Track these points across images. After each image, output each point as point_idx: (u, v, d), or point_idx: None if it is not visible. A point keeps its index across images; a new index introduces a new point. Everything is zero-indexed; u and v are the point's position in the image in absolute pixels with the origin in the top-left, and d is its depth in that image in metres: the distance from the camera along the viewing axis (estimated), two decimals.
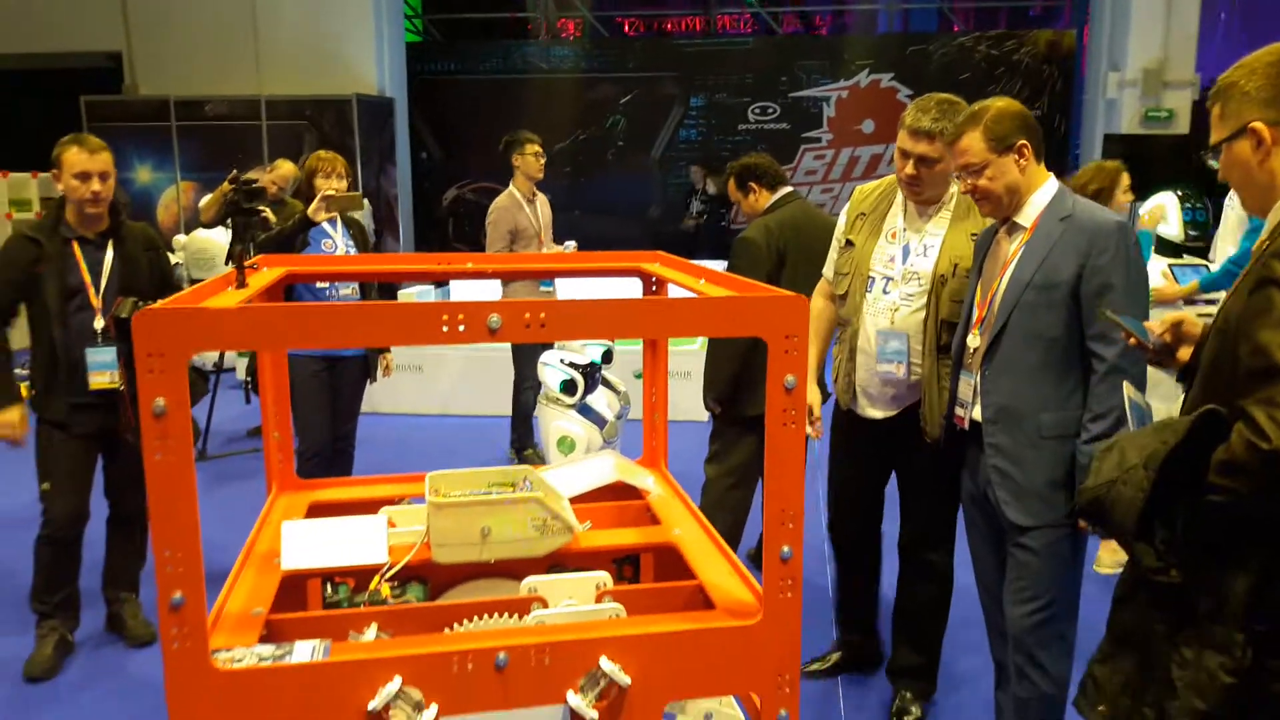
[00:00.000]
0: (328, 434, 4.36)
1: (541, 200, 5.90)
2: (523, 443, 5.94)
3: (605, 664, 1.63)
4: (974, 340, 2.50)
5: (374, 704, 1.56)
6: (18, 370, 3.55)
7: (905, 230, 2.92)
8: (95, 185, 3.37)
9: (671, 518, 2.31)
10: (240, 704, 1.54)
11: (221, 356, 6.39)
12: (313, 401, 4.28)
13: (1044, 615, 2.44)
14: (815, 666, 3.43)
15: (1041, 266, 2.35)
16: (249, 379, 5.57)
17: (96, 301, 3.45)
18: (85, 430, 3.48)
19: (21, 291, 3.42)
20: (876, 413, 2.99)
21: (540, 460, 5.28)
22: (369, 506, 2.26)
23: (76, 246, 3.44)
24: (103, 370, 3.43)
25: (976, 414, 2.50)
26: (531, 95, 12.40)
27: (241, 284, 1.97)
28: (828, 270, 3.18)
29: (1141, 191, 4.69)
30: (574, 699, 1.62)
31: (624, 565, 2.22)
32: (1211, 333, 1.75)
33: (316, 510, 2.33)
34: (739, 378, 3.63)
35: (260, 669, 1.58)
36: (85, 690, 3.43)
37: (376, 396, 6.87)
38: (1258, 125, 1.66)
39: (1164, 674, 1.68)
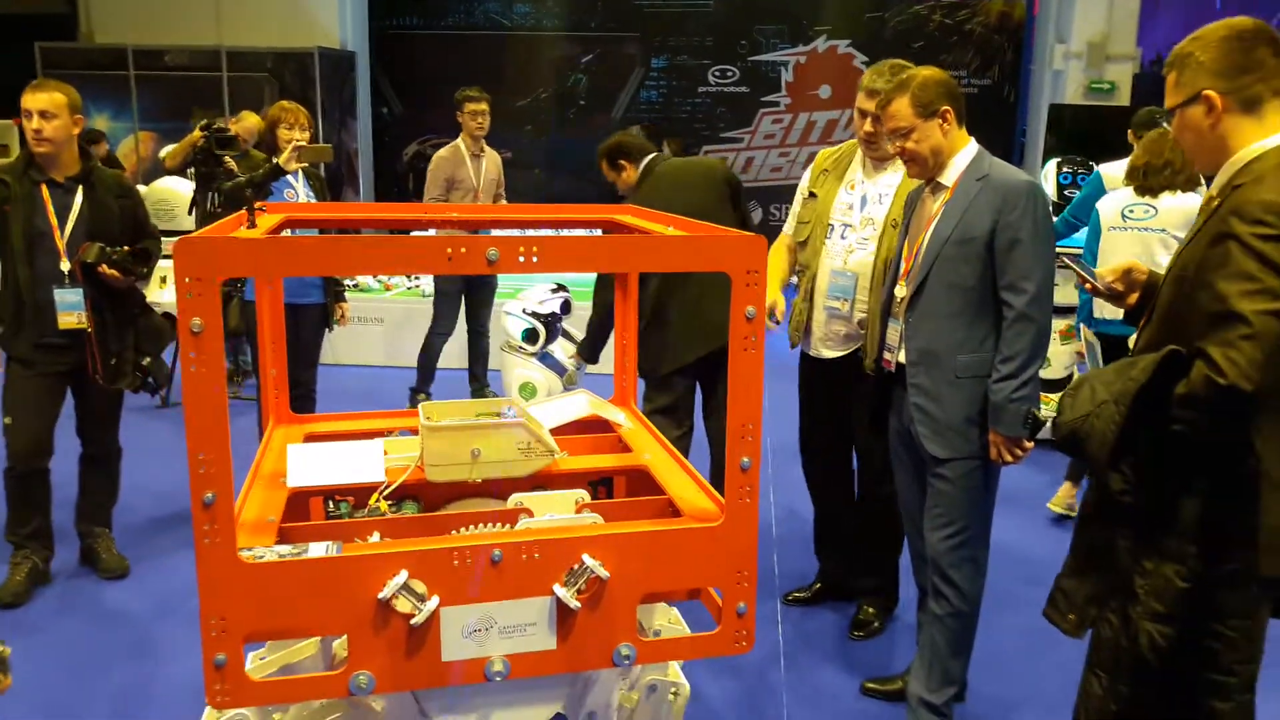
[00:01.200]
0: (288, 377, 4.51)
1: (491, 158, 6.01)
2: (421, 388, 6.10)
3: (587, 559, 1.86)
4: (900, 290, 2.73)
5: (383, 594, 1.77)
6: None
7: (864, 182, 3.22)
8: (36, 123, 3.47)
9: (641, 446, 2.55)
10: (264, 593, 1.75)
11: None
12: None
13: (958, 539, 2.69)
14: (798, 594, 3.73)
15: (960, 222, 2.58)
16: None
17: (61, 244, 3.55)
18: (52, 369, 3.60)
19: None
20: (829, 353, 3.28)
21: None
22: (362, 438, 2.46)
23: (45, 189, 3.54)
24: (70, 310, 3.56)
25: (902, 357, 2.74)
26: (494, 51, 12.41)
27: (252, 224, 2.15)
28: (789, 224, 3.45)
29: (1095, 158, 5.17)
30: (560, 590, 1.86)
31: (598, 487, 2.45)
32: (1168, 280, 1.96)
33: (312, 440, 2.53)
34: (652, 341, 3.72)
35: (282, 562, 1.79)
36: (57, 619, 3.59)
37: (340, 348, 7.05)
38: (1210, 93, 1.86)
39: (1127, 583, 1.91)
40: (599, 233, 2.78)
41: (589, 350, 3.97)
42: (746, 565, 1.96)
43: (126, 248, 3.63)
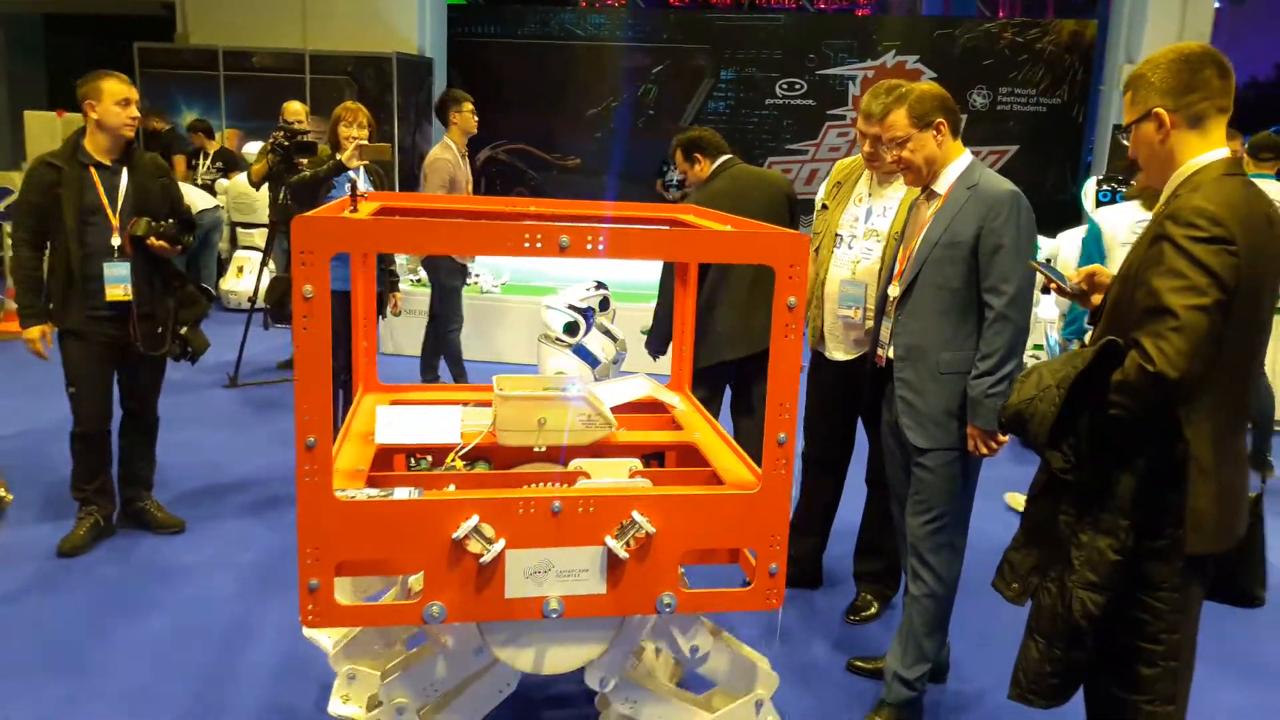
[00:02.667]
0: (338, 357, 4.75)
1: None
2: (460, 378, 6.19)
3: (636, 515, 2.08)
4: (893, 290, 2.89)
5: (457, 534, 2.01)
6: None
7: (869, 196, 3.44)
8: (134, 110, 3.83)
9: (692, 425, 2.77)
10: (354, 528, 1.99)
11: (255, 294, 6.85)
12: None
13: (936, 525, 2.84)
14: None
15: (949, 228, 2.73)
16: (268, 306, 5.97)
17: (114, 220, 3.86)
18: (101, 339, 3.92)
19: (46, 213, 3.82)
20: (840, 355, 3.48)
21: None
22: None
23: (94, 171, 3.86)
24: (117, 283, 3.86)
25: (891, 353, 2.89)
26: (567, 61, 12.75)
27: (354, 209, 2.41)
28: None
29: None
30: (611, 541, 2.08)
31: (651, 460, 2.67)
32: (1116, 279, 2.13)
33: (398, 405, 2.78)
34: (697, 336, 3.85)
35: (371, 502, 2.04)
36: (117, 568, 3.91)
37: (398, 338, 7.39)
38: (1159, 110, 2.03)
39: (1065, 554, 2.06)
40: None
41: (657, 345, 4.14)
42: (779, 530, 2.17)
43: (171, 220, 3.95)
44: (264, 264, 7.17)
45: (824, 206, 3.58)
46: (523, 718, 2.93)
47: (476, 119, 5.93)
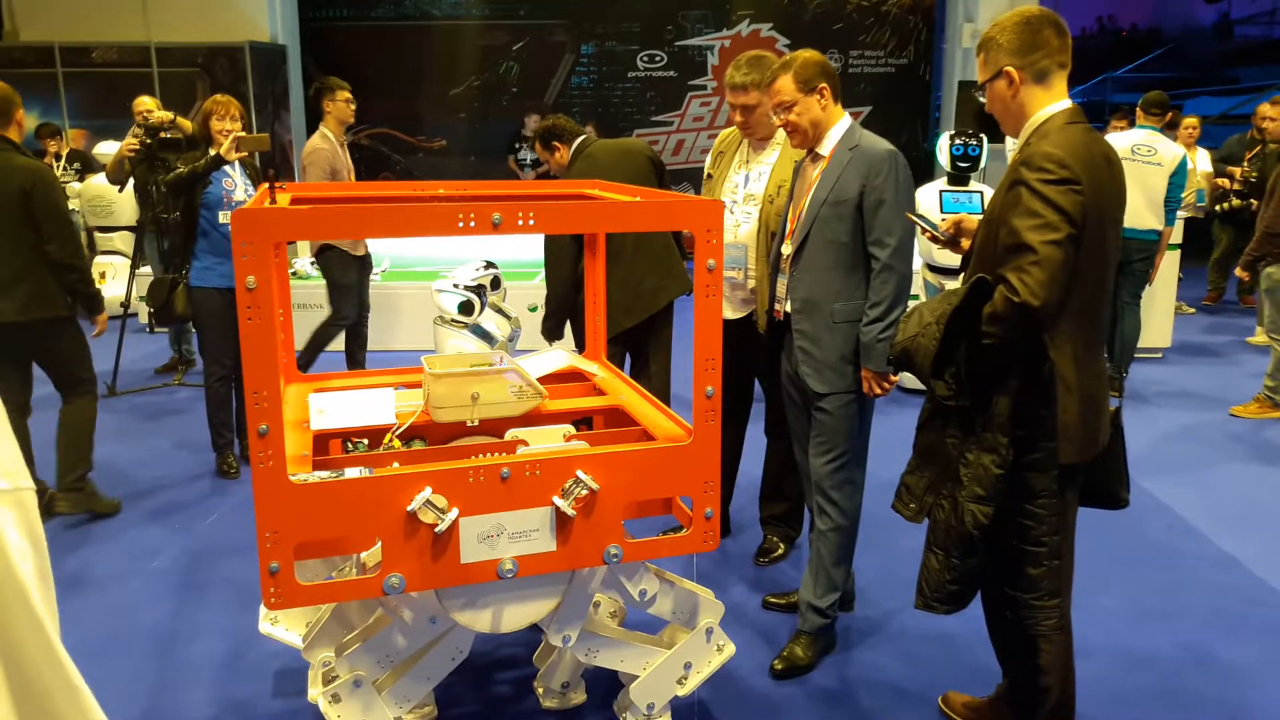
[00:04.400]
0: (232, 356, 4.77)
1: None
2: (305, 368, 6.25)
3: (580, 474, 2.22)
4: (786, 249, 3.10)
5: (411, 506, 2.11)
6: None
7: (747, 163, 3.64)
8: None
9: (615, 390, 2.92)
10: (310, 510, 2.07)
11: (127, 299, 6.61)
12: (219, 328, 4.72)
13: (838, 463, 3.06)
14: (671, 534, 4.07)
15: (834, 186, 2.94)
16: (151, 309, 5.74)
17: None
18: None
19: None
20: (730, 314, 3.67)
21: None
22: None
23: None
24: None
25: (788, 307, 3.10)
26: (425, 41, 12.58)
27: (273, 200, 2.44)
28: None
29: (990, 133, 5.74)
30: (558, 500, 2.22)
31: (580, 425, 2.80)
32: (981, 224, 2.37)
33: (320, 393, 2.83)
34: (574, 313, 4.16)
35: (326, 483, 2.11)
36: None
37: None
38: (1009, 69, 2.28)
39: (954, 473, 2.28)
40: None
41: (553, 326, 4.29)
42: (711, 477, 2.35)
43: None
44: (134, 267, 6.91)
45: (709, 176, 3.77)
46: (469, 679, 3.05)
47: (353, 107, 5.85)
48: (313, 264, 7.92)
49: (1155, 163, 6.02)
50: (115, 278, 8.80)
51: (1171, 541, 4.14)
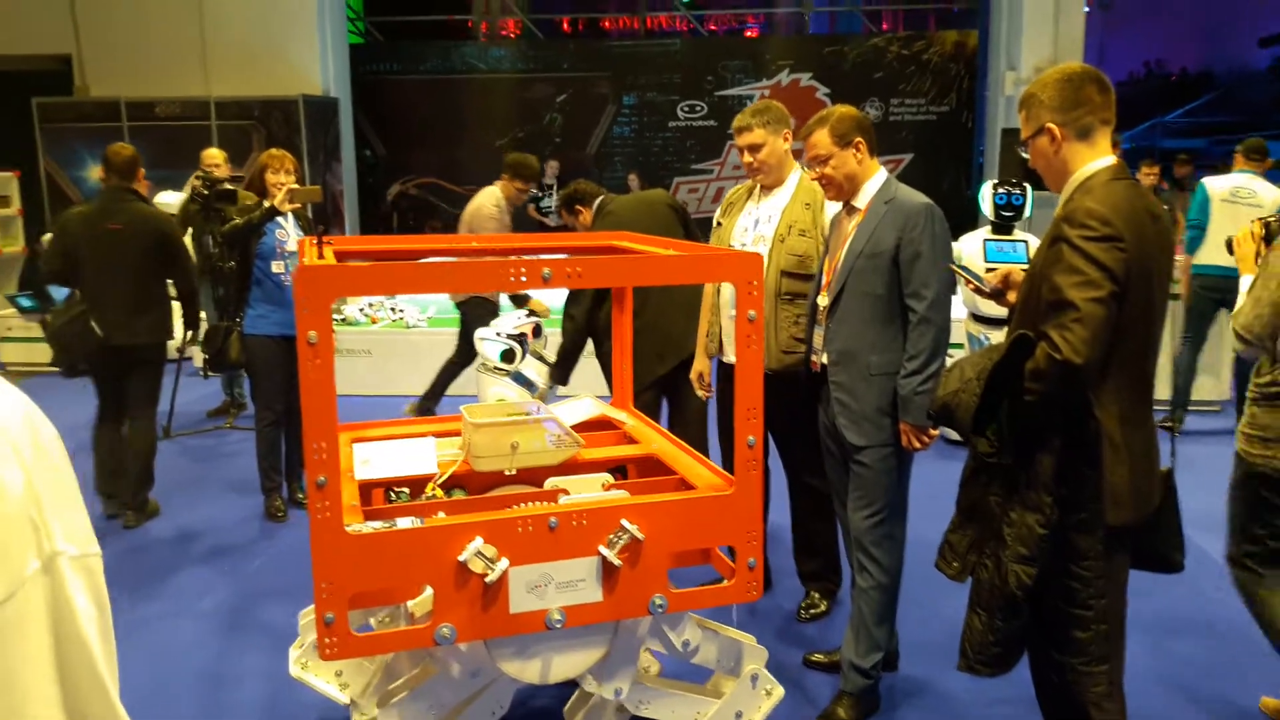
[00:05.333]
0: (283, 402, 4.90)
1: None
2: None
3: (625, 524, 2.24)
4: (823, 300, 3.11)
5: (462, 556, 2.13)
6: None
7: (757, 207, 3.70)
8: None
9: (647, 438, 2.95)
10: (365, 560, 2.09)
11: (183, 344, 6.79)
12: (271, 374, 4.87)
13: (877, 518, 3.04)
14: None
15: (870, 239, 2.96)
16: (206, 356, 5.92)
17: None
18: None
19: None
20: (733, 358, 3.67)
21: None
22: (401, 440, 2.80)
23: None
24: None
25: (825, 359, 3.10)
26: (471, 94, 12.89)
27: (320, 255, 2.53)
28: None
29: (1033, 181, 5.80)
30: (604, 550, 2.24)
31: (615, 473, 2.83)
32: (1025, 278, 2.36)
33: (359, 443, 2.82)
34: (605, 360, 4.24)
35: (381, 533, 2.14)
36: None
37: (339, 378, 7.37)
38: (1051, 125, 2.28)
39: (998, 532, 2.25)
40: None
41: (561, 373, 4.38)
42: (754, 526, 2.36)
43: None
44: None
45: (718, 224, 3.85)
46: None
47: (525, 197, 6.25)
48: (362, 311, 8.10)
49: (1256, 204, 6.06)
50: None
51: (1225, 600, 4.04)
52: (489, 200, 6.10)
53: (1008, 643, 2.30)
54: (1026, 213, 5.92)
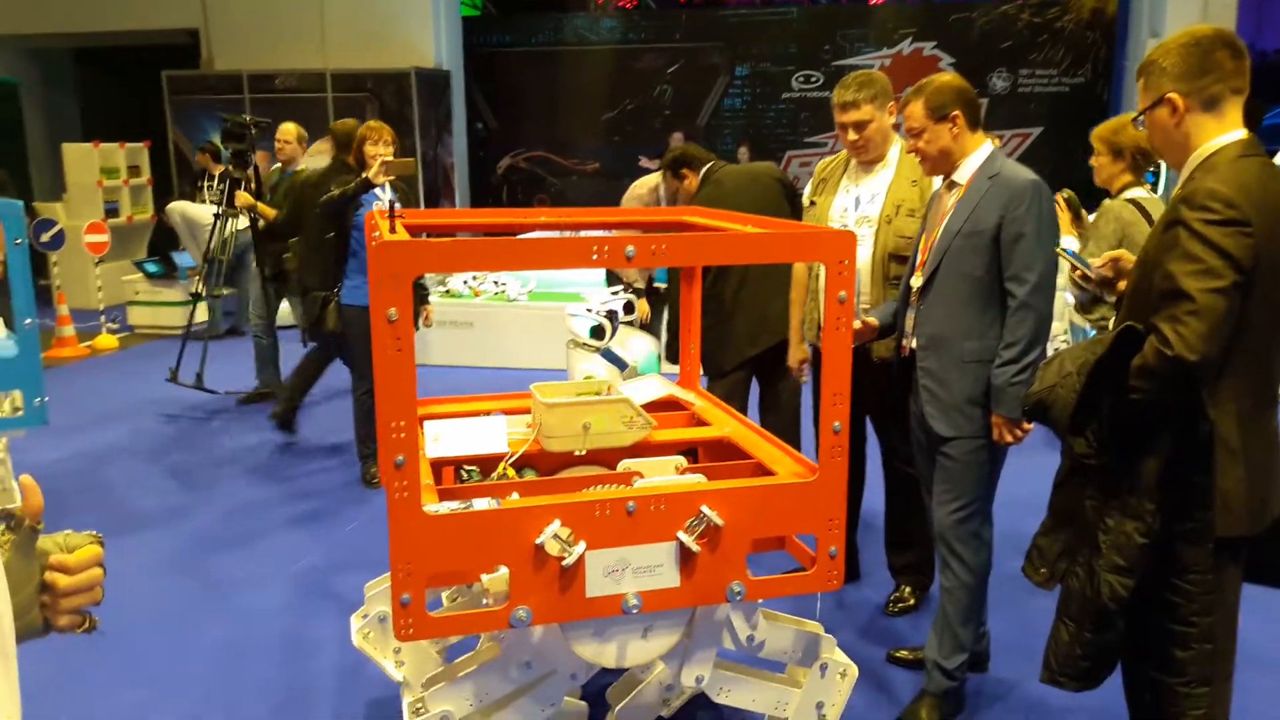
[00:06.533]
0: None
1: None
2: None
3: (705, 510, 2.14)
4: (916, 281, 2.91)
5: (540, 539, 2.06)
6: None
7: (856, 186, 3.47)
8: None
9: (718, 420, 2.84)
10: (445, 541, 2.03)
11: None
12: (367, 344, 4.79)
13: (962, 515, 2.85)
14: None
15: (970, 217, 2.75)
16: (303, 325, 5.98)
17: None
18: None
19: None
20: None
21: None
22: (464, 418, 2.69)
23: None
24: None
25: (914, 343, 2.91)
26: (581, 66, 12.84)
27: (393, 230, 2.44)
28: None
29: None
30: (683, 535, 2.15)
31: (685, 455, 2.70)
32: (1136, 264, 2.14)
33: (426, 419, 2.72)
34: (713, 337, 4.01)
35: (459, 514, 2.07)
36: (166, 579, 4.06)
37: (433, 350, 7.47)
38: (1172, 95, 2.03)
39: (1092, 539, 2.07)
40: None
41: (674, 350, 4.21)
42: (837, 514, 2.25)
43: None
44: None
45: (811, 203, 3.63)
46: None
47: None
48: (465, 283, 8.14)
49: None
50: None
51: None
52: (644, 188, 5.91)
53: (1097, 657, 2.12)
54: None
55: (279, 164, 6.74)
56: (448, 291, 8.12)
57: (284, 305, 8.95)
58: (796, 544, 2.37)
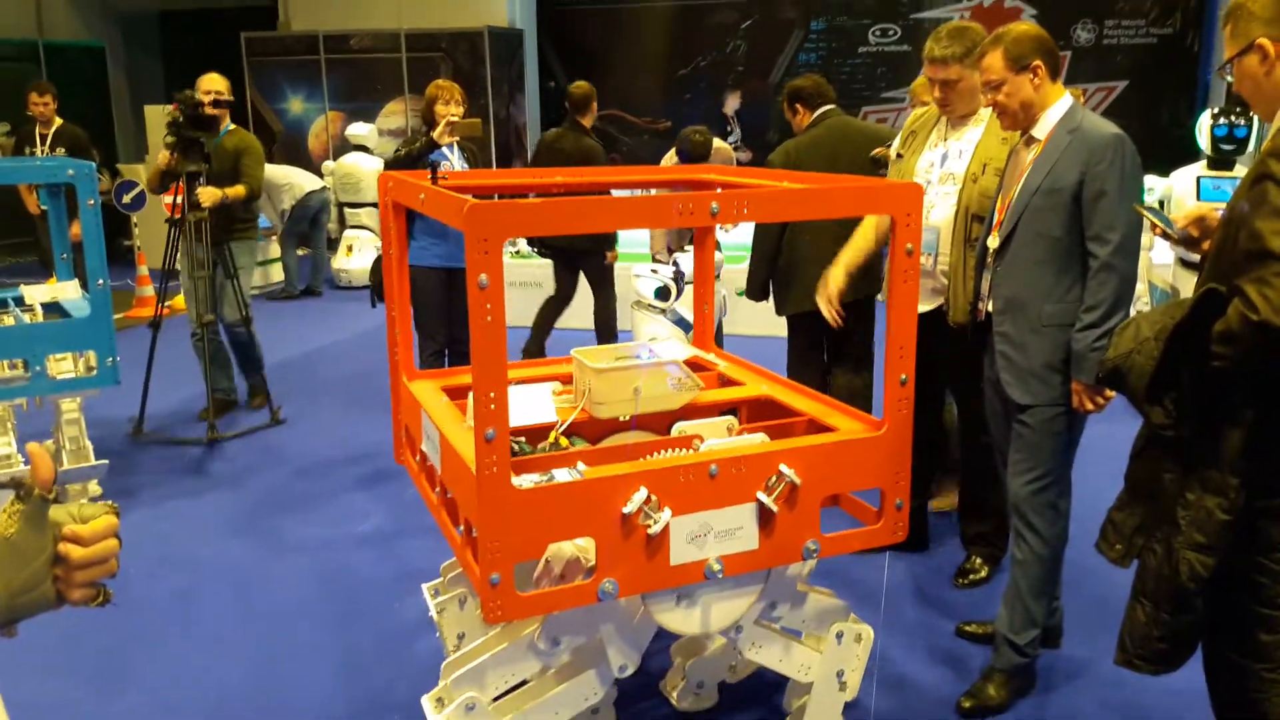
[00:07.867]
0: (445, 332, 4.97)
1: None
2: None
3: (784, 469, 2.13)
4: (993, 241, 2.80)
5: (628, 508, 2.02)
6: None
7: (945, 140, 3.36)
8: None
9: (751, 379, 2.81)
10: (534, 516, 1.98)
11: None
12: (433, 305, 4.89)
13: (1038, 485, 2.75)
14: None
15: (1049, 173, 2.62)
16: (372, 285, 5.85)
17: None
18: None
19: None
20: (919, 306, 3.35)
21: None
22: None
23: None
24: None
25: (991, 306, 2.81)
26: (654, 23, 12.68)
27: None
28: None
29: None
30: (762, 496, 2.14)
31: (727, 415, 2.65)
32: (1221, 222, 2.00)
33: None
34: (781, 281, 4.10)
35: (547, 487, 2.03)
36: (235, 542, 4.14)
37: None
38: (1263, 41, 1.89)
39: (1170, 515, 1.96)
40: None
41: (757, 289, 4.23)
42: (903, 467, 2.25)
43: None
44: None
45: (899, 156, 3.53)
46: None
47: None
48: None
49: None
50: (361, 251, 9.45)
51: None
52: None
53: (1175, 639, 2.03)
54: (1250, 147, 5.24)
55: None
56: (517, 252, 8.16)
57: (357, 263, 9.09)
58: (853, 500, 2.37)
